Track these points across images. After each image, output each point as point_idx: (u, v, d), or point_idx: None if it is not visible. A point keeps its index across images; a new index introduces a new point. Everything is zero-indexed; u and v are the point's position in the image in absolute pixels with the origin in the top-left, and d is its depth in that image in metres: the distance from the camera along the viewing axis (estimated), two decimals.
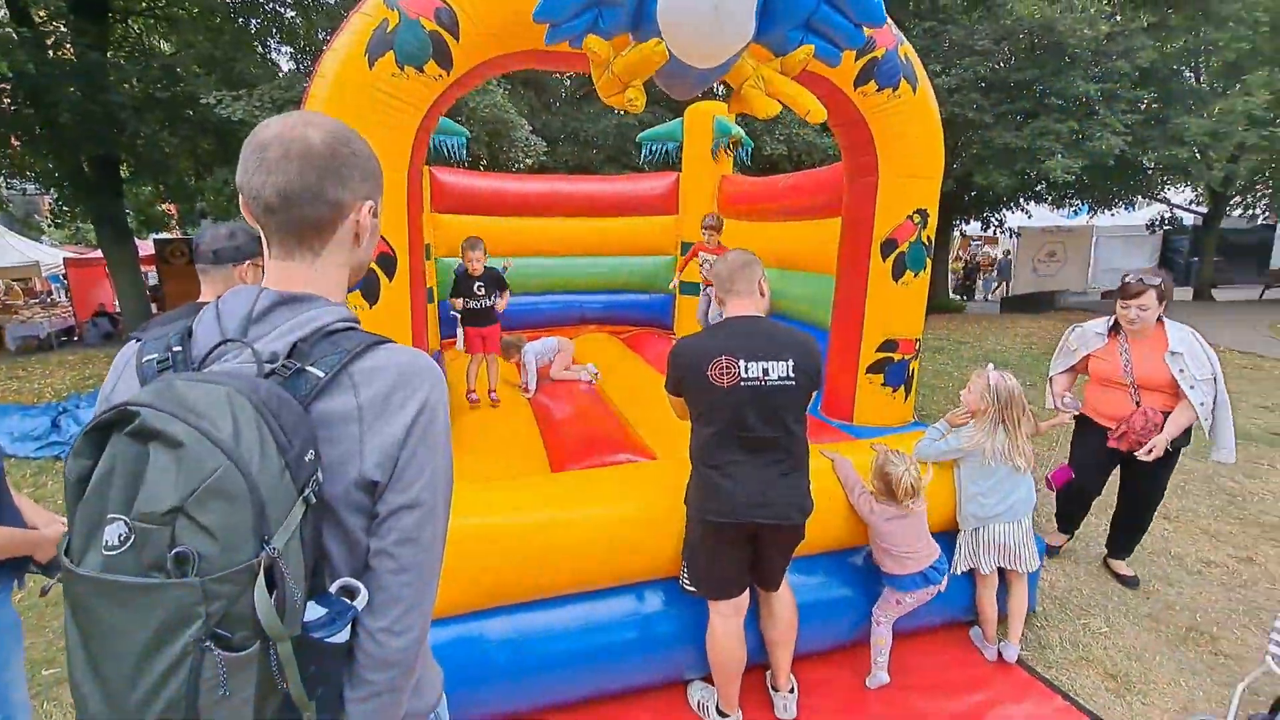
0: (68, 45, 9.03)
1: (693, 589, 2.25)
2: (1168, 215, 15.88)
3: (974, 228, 16.52)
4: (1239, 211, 15.05)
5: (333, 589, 0.76)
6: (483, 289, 4.01)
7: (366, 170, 0.87)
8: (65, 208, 10.82)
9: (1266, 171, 12.87)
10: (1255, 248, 17.89)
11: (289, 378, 0.75)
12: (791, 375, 2.03)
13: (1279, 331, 10.91)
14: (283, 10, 10.18)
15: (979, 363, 8.49)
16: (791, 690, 2.39)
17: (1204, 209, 15.20)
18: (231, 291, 0.84)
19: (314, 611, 0.71)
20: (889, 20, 2.74)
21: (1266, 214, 14.88)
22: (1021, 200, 13.58)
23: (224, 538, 0.62)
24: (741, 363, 2.01)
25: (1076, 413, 3.08)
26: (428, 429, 0.81)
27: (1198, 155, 10.78)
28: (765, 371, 2.01)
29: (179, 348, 0.78)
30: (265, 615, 0.63)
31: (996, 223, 14.73)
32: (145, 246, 12.90)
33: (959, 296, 17.27)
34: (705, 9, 2.05)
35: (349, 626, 0.75)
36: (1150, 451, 2.83)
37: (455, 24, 2.41)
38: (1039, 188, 12.70)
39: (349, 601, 0.75)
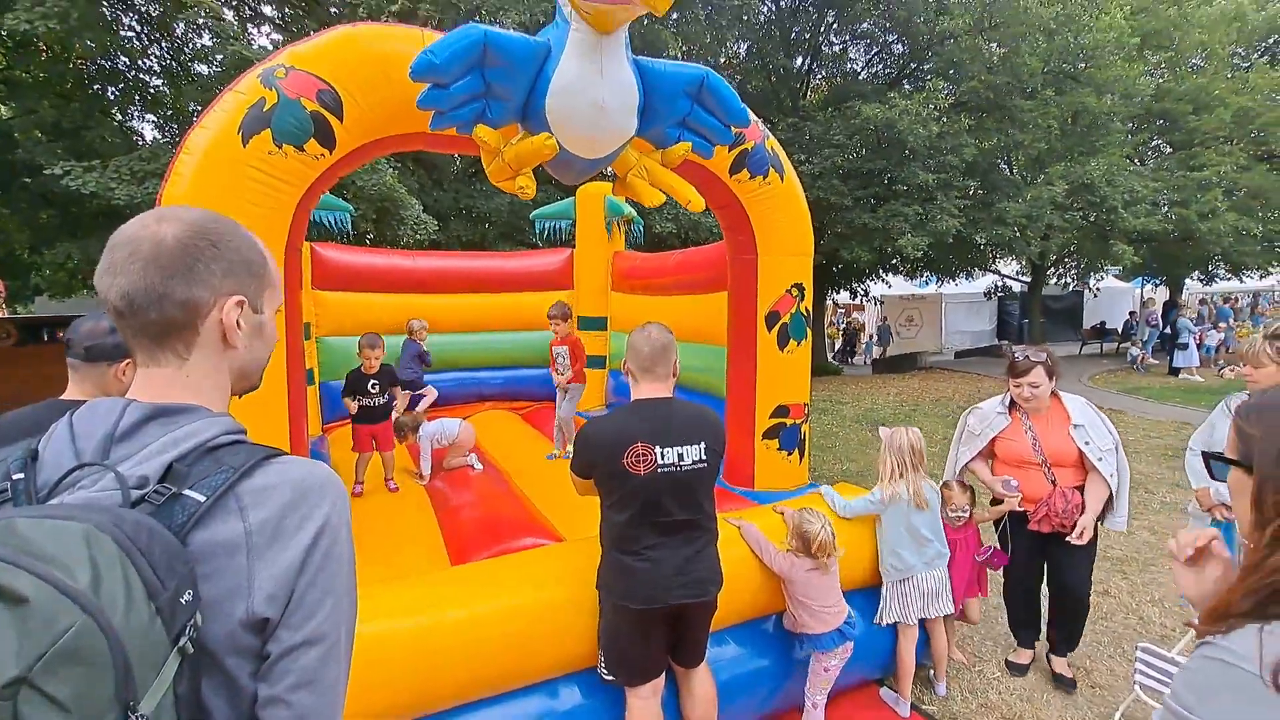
0: None
1: (611, 677, 2.15)
2: (1000, 284, 18.41)
3: (844, 297, 18.17)
4: (1054, 280, 17.71)
5: None
6: (377, 387, 3.98)
7: (233, 263, 0.80)
8: None
9: (1071, 248, 15.25)
10: (1070, 310, 21.07)
11: (161, 505, 0.65)
12: (704, 458, 2.05)
13: (1096, 382, 12.64)
14: (147, 79, 9.57)
15: (861, 421, 9.10)
16: None
17: (1028, 278, 17.71)
18: (89, 405, 0.73)
19: None
20: (756, 119, 3.05)
21: (1075, 282, 17.63)
22: (881, 272, 15.20)
23: (79, 710, 0.51)
24: (657, 449, 1.98)
25: (1020, 497, 2.83)
26: (329, 552, 0.72)
27: (1018, 234, 12.61)
28: (680, 457, 2.01)
29: (20, 475, 0.66)
30: None
31: (862, 292, 16.38)
32: None
33: (840, 361, 18.69)
34: (591, 107, 2.17)
35: None
36: (1081, 534, 2.68)
37: (339, 105, 2.37)
38: (895, 261, 14.30)
39: None
